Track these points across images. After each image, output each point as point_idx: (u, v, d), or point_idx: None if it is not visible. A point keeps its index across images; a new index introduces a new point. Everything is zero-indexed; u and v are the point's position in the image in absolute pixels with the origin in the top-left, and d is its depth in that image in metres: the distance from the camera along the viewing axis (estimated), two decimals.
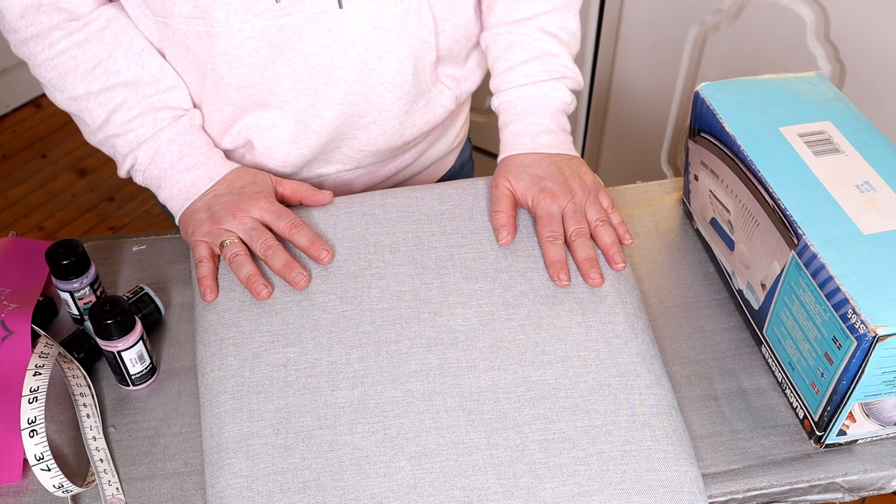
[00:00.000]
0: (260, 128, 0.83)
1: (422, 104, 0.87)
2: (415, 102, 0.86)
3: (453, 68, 0.89)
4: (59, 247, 0.74)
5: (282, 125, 0.83)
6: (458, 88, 0.91)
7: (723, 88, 0.80)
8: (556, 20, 0.86)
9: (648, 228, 0.89)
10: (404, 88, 0.84)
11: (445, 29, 0.84)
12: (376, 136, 0.87)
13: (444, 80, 0.89)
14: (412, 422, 0.67)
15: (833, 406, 0.65)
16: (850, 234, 0.65)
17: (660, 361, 0.72)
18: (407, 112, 0.86)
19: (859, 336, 0.59)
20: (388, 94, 0.83)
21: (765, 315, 0.73)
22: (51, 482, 0.63)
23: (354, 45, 0.79)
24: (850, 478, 0.68)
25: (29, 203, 2.22)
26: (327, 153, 0.87)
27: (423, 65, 0.84)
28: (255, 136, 0.84)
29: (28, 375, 0.65)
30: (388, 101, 0.84)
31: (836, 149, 0.73)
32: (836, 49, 1.41)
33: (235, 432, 0.66)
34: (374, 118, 0.85)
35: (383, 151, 0.90)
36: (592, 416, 0.67)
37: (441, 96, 0.89)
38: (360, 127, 0.85)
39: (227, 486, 0.64)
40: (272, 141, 0.84)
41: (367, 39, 0.79)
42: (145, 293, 0.77)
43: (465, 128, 1.06)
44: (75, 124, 0.83)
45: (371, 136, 0.87)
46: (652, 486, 0.63)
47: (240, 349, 0.71)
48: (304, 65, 0.79)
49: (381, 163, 0.93)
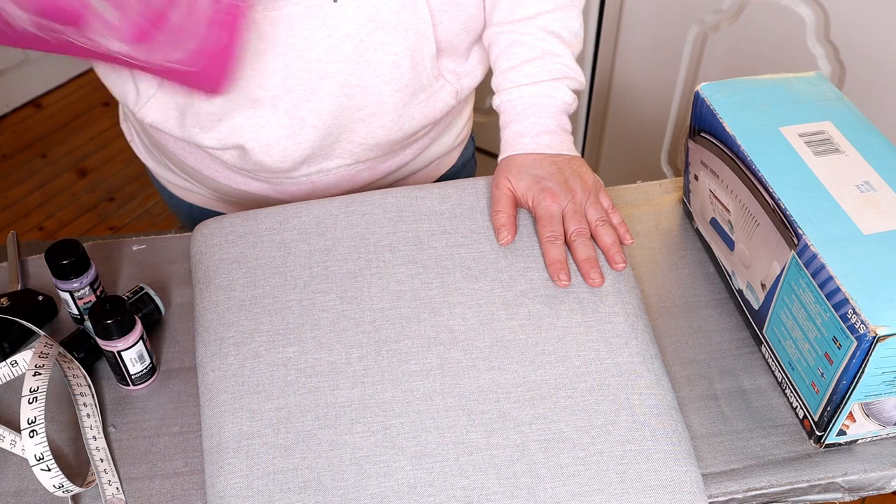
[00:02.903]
0: (253, 127, 0.83)
1: (422, 98, 0.87)
2: (414, 96, 0.86)
3: (454, 62, 0.89)
4: (59, 247, 0.74)
5: (275, 121, 0.83)
6: (458, 83, 0.91)
7: (723, 88, 0.80)
8: (559, 19, 0.86)
9: (648, 228, 0.89)
10: (402, 81, 0.84)
11: (443, 21, 0.84)
12: (375, 129, 0.87)
13: (446, 75, 0.89)
14: (412, 421, 0.67)
15: (833, 406, 0.65)
16: (851, 234, 0.65)
17: (660, 361, 0.72)
18: (406, 105, 0.86)
19: (859, 336, 0.59)
20: (386, 87, 0.83)
21: (765, 315, 0.73)
22: (51, 482, 0.63)
23: (349, 38, 0.79)
24: (849, 478, 0.68)
25: (29, 203, 2.22)
26: (327, 147, 0.87)
27: (421, 58, 0.84)
28: (249, 135, 0.83)
29: (28, 375, 0.65)
30: (386, 94, 0.84)
31: (836, 149, 0.73)
32: (836, 49, 1.41)
33: (235, 432, 0.66)
34: (372, 111, 0.85)
35: (383, 145, 0.90)
36: (592, 416, 0.67)
37: (442, 91, 0.89)
38: (358, 120, 0.85)
39: (228, 486, 0.64)
40: (267, 139, 0.84)
41: (363, 32, 0.79)
42: (145, 293, 0.78)
43: (469, 126, 1.06)
44: (75, 124, 0.83)
45: (370, 128, 0.87)
46: (652, 486, 0.63)
47: (240, 349, 0.71)
48: (297, 59, 0.78)
49: (381, 157, 0.93)
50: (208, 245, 0.80)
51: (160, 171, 1.00)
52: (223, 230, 0.81)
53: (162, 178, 1.01)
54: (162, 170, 1.00)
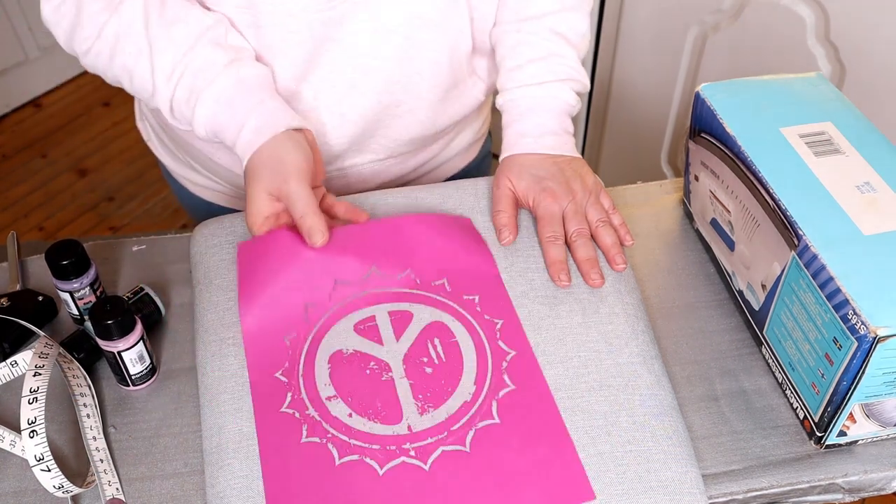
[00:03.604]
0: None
1: (455, 94, 0.88)
2: (449, 92, 0.87)
3: (485, 59, 0.90)
4: (59, 247, 0.74)
5: (314, 118, 0.83)
6: (489, 79, 0.92)
7: (723, 89, 0.80)
8: (566, 20, 0.86)
9: (648, 229, 0.89)
10: (440, 77, 0.84)
11: (476, 18, 0.84)
12: (410, 125, 0.87)
13: (478, 71, 0.89)
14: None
15: (833, 407, 0.65)
16: (851, 235, 0.65)
17: (660, 362, 0.72)
18: (441, 101, 0.87)
19: (860, 337, 0.59)
20: (424, 84, 0.84)
21: (765, 316, 0.73)
22: (51, 482, 0.63)
23: (394, 34, 0.79)
24: (850, 478, 0.68)
25: (29, 203, 2.22)
26: (363, 142, 0.87)
27: (459, 55, 0.84)
28: None
29: (28, 376, 0.65)
30: (424, 90, 0.84)
31: (836, 149, 0.73)
32: (836, 49, 1.41)
33: (235, 432, 0.66)
34: (410, 107, 0.85)
35: (415, 140, 0.90)
36: (592, 417, 0.67)
37: (474, 87, 0.90)
38: (395, 116, 0.85)
39: (227, 487, 0.64)
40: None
41: (408, 29, 0.79)
42: (145, 293, 0.77)
43: (487, 121, 1.06)
44: (75, 124, 0.83)
45: (405, 124, 0.87)
46: (652, 486, 0.63)
47: (240, 350, 0.71)
48: (343, 55, 0.79)
49: (412, 152, 0.93)
50: (208, 245, 0.80)
51: (179, 168, 1.00)
52: (223, 230, 0.81)
53: (180, 175, 1.01)
54: (181, 167, 0.99)
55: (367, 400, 0.66)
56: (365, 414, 0.65)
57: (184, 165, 0.99)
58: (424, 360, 0.68)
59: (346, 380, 0.67)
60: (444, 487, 0.61)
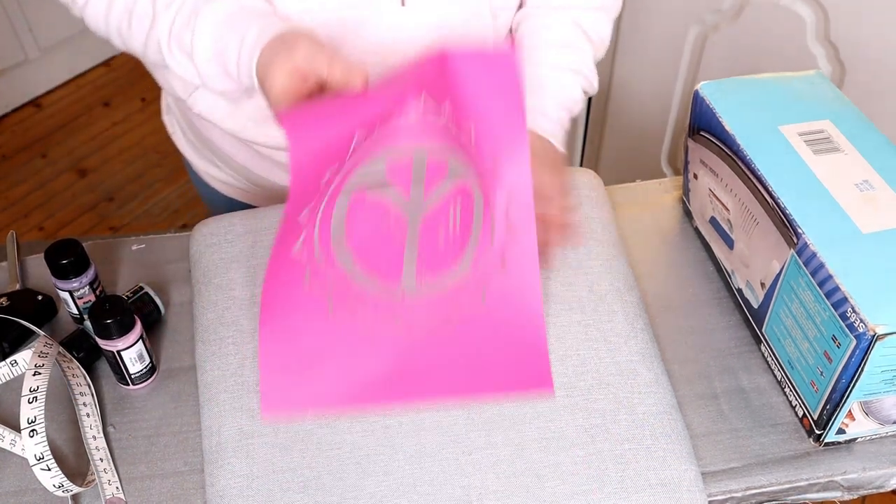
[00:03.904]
0: None
1: None
2: None
3: None
4: (59, 246, 0.74)
5: None
6: None
7: (722, 87, 0.80)
8: (591, 18, 0.86)
9: (648, 227, 0.89)
10: None
11: (498, 26, 0.84)
12: None
13: None
14: (411, 420, 0.67)
15: (832, 404, 0.65)
16: (850, 233, 0.65)
17: (659, 360, 0.72)
18: None
19: (858, 335, 0.59)
20: None
21: (764, 314, 0.73)
22: (51, 482, 0.63)
23: (416, 42, 0.79)
24: (849, 476, 0.68)
25: (29, 203, 2.22)
26: None
27: None
28: None
29: (28, 375, 0.65)
30: None
31: (835, 148, 0.73)
32: (836, 49, 1.41)
33: (235, 431, 0.66)
34: None
35: None
36: (592, 415, 0.67)
37: None
38: None
39: (227, 486, 0.64)
40: None
41: (430, 38, 0.79)
42: (145, 292, 0.78)
43: None
44: (75, 124, 0.83)
45: None
46: (651, 484, 0.63)
47: (239, 348, 0.71)
48: (360, 61, 0.78)
49: None
50: (208, 244, 0.80)
51: (201, 163, 1.00)
52: (223, 230, 0.81)
53: (203, 171, 1.01)
54: (203, 162, 0.99)
55: (372, 254, 0.67)
56: (366, 266, 0.66)
57: (206, 161, 0.99)
58: (440, 227, 0.68)
59: (359, 227, 0.68)
60: (422, 350, 0.66)
